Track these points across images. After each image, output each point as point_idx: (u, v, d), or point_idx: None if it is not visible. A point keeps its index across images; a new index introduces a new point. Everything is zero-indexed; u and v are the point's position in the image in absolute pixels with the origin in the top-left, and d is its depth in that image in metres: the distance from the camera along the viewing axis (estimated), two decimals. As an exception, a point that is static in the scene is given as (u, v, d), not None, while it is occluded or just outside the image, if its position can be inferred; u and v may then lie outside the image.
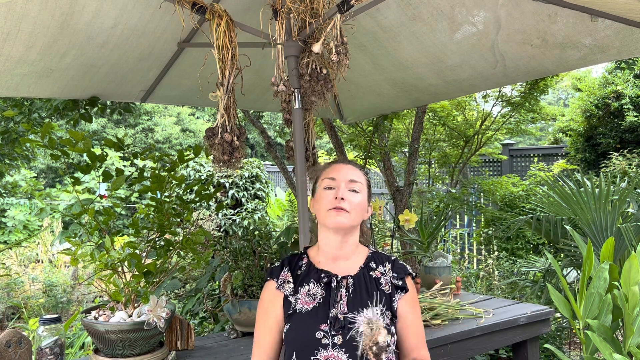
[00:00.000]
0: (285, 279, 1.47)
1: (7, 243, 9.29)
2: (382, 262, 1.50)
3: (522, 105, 5.45)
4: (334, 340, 1.35)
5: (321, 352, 1.34)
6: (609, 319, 1.70)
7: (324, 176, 1.50)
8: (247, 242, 2.40)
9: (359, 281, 1.44)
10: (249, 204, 7.58)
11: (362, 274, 1.46)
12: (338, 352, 1.33)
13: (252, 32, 2.06)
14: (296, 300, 1.43)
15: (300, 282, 1.46)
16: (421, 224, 3.10)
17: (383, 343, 1.33)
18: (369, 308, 1.39)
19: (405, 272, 1.50)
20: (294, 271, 1.49)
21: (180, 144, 15.47)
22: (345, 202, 1.43)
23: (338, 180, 1.46)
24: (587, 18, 2.07)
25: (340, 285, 1.43)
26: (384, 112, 3.67)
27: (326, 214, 1.43)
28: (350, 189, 1.45)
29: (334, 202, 1.43)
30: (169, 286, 2.61)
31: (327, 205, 1.44)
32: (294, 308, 1.42)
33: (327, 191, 1.46)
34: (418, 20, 2.33)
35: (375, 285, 1.45)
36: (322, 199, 1.46)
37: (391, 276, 1.47)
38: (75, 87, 2.59)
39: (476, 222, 7.17)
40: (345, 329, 1.35)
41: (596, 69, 32.46)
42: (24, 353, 1.79)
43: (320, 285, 1.44)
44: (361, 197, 1.47)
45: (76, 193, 2.10)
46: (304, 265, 1.50)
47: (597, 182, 3.14)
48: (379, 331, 1.34)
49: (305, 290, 1.44)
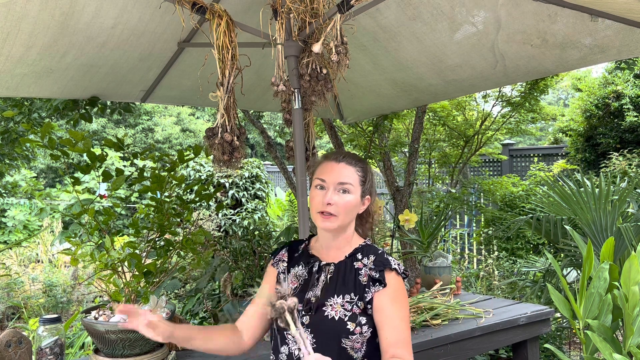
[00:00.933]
0: (280, 258, 1.60)
1: (7, 243, 9.29)
2: (367, 255, 1.53)
3: (522, 105, 5.45)
4: (302, 320, 1.44)
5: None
6: (609, 319, 1.70)
7: (317, 174, 1.52)
8: (247, 242, 2.40)
9: (339, 269, 1.51)
10: (249, 204, 7.58)
11: (345, 263, 1.52)
12: (305, 331, 1.42)
13: (252, 32, 2.06)
14: (286, 278, 1.55)
15: (293, 263, 1.58)
16: (421, 224, 3.10)
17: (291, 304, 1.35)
18: (341, 295, 1.46)
19: (386, 265, 1.48)
20: (292, 253, 1.61)
21: (180, 144, 15.47)
22: (333, 206, 1.45)
23: (327, 183, 1.48)
24: (587, 18, 2.07)
25: (322, 270, 1.51)
26: (384, 112, 3.67)
27: (315, 215, 1.49)
28: (340, 190, 1.47)
29: (321, 205, 1.46)
30: (169, 286, 2.61)
31: (316, 207, 1.48)
32: None
33: (317, 191, 1.49)
34: (418, 20, 2.33)
35: (354, 275, 1.49)
36: (312, 198, 1.50)
37: (370, 268, 1.49)
38: (75, 87, 2.59)
39: (476, 222, 7.17)
40: (313, 311, 1.43)
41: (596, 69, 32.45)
42: (24, 353, 1.79)
43: (306, 268, 1.54)
44: (352, 196, 1.48)
45: (76, 193, 2.10)
46: (301, 249, 1.61)
47: (597, 182, 3.14)
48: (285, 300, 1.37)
49: (294, 271, 1.56)
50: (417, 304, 2.45)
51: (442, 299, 2.56)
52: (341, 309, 1.43)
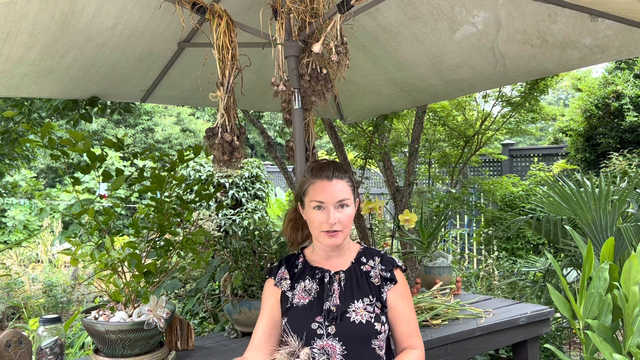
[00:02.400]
0: (282, 277, 1.59)
1: (7, 243, 9.29)
2: (372, 257, 1.59)
3: (522, 105, 5.45)
4: (328, 330, 1.46)
5: (317, 341, 1.45)
6: (609, 319, 1.70)
7: (311, 195, 1.52)
8: (247, 242, 2.40)
9: (350, 275, 1.54)
10: (249, 204, 7.58)
11: (353, 269, 1.56)
12: (332, 340, 1.44)
13: (252, 32, 2.06)
14: (293, 295, 1.54)
15: (296, 279, 1.58)
16: (421, 224, 3.10)
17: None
18: (360, 299, 1.50)
19: (394, 264, 1.59)
20: (291, 269, 1.61)
21: (180, 144, 15.47)
22: (337, 223, 1.48)
23: (326, 203, 1.49)
24: (587, 18, 2.07)
25: (333, 280, 1.54)
26: (384, 112, 3.67)
27: (319, 234, 1.51)
28: (340, 206, 1.50)
29: (326, 226, 1.48)
30: (169, 286, 2.61)
31: (319, 227, 1.50)
32: (292, 302, 1.53)
33: (316, 211, 1.51)
34: (418, 20, 2.32)
35: (365, 278, 1.54)
36: (313, 219, 1.51)
37: (380, 269, 1.56)
38: (75, 87, 2.59)
39: (476, 222, 7.17)
40: (338, 319, 1.46)
41: (596, 69, 32.45)
42: (24, 353, 1.79)
43: (315, 281, 1.55)
44: (351, 209, 1.52)
45: (76, 193, 2.10)
46: (300, 263, 1.62)
47: (597, 182, 3.14)
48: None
49: (301, 286, 1.55)
50: (417, 304, 2.45)
51: (442, 299, 2.56)
52: (364, 312, 1.47)
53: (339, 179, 1.52)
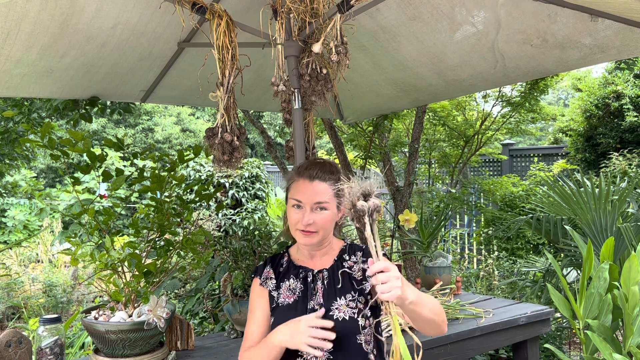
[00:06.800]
0: (267, 276, 1.59)
1: (7, 243, 9.29)
2: (354, 252, 1.58)
3: (522, 105, 5.45)
4: None
5: None
6: (609, 319, 1.70)
7: (291, 192, 1.52)
8: (247, 242, 2.40)
9: (332, 273, 1.54)
10: (249, 204, 7.57)
11: (335, 266, 1.55)
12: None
13: (252, 32, 2.06)
14: (279, 294, 1.55)
15: (281, 278, 1.58)
16: (421, 224, 3.10)
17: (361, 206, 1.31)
18: (343, 296, 1.49)
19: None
20: (276, 268, 1.60)
21: (180, 144, 15.47)
22: (312, 225, 1.48)
23: (304, 203, 1.48)
24: (587, 18, 2.07)
25: (317, 278, 1.53)
26: (384, 112, 3.67)
27: (295, 232, 1.51)
28: (317, 208, 1.48)
29: (300, 225, 1.48)
30: (169, 286, 2.61)
31: (295, 225, 1.50)
32: (277, 302, 1.54)
33: (294, 210, 1.50)
34: (418, 20, 2.32)
35: (347, 274, 1.53)
36: (290, 217, 1.52)
37: (362, 261, 1.55)
38: (75, 87, 2.59)
39: (476, 222, 7.17)
40: (323, 318, 1.44)
41: (596, 69, 32.48)
42: (24, 353, 1.79)
43: (299, 280, 1.55)
44: (329, 212, 1.49)
45: (76, 193, 2.10)
46: (284, 262, 1.61)
47: (597, 182, 3.14)
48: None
49: (286, 285, 1.55)
50: (417, 304, 2.44)
51: (442, 299, 2.56)
52: (347, 308, 1.47)
53: (321, 180, 1.49)
